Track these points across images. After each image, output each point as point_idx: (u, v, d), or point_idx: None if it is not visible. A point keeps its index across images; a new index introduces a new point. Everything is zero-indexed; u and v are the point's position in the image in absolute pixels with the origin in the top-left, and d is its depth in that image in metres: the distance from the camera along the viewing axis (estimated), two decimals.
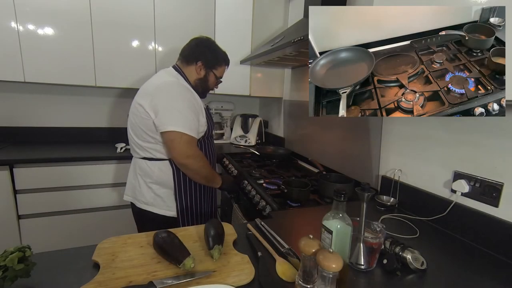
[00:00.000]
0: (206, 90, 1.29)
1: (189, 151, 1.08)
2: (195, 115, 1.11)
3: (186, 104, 1.10)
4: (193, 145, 1.10)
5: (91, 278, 0.60)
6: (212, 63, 1.24)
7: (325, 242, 0.64)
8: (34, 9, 1.72)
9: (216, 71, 1.27)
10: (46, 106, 2.12)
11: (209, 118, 1.24)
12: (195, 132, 1.10)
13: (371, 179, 1.28)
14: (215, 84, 1.31)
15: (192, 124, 1.09)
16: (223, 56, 1.29)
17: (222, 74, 1.32)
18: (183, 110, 1.08)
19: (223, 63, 1.29)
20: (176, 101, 1.08)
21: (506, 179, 0.81)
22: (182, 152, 1.07)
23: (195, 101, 1.14)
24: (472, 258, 0.79)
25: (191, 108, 1.11)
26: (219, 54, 1.26)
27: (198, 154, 1.12)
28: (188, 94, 1.13)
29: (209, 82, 1.27)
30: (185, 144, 1.07)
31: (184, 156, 1.07)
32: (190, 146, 1.08)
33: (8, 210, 1.65)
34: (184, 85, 1.16)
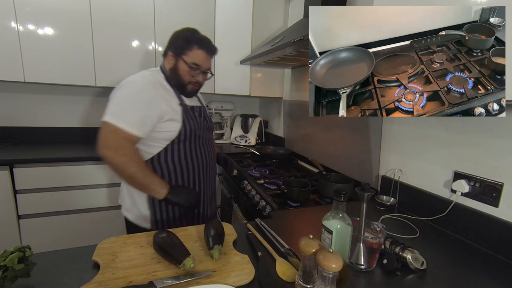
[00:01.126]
0: (181, 83, 1.08)
1: (109, 141, 0.93)
2: (144, 110, 0.96)
3: (133, 96, 0.97)
4: (118, 136, 0.93)
5: (91, 278, 0.60)
6: (181, 47, 1.06)
7: (325, 242, 0.64)
8: (34, 9, 1.72)
9: (187, 56, 1.05)
10: (46, 106, 2.12)
11: (191, 118, 1.07)
12: (131, 126, 0.94)
13: (371, 179, 1.28)
14: (191, 73, 1.07)
15: (131, 117, 0.94)
16: (196, 39, 1.06)
17: (198, 60, 1.07)
18: (124, 102, 0.96)
19: (193, 46, 1.05)
20: (123, 94, 0.97)
21: (506, 179, 0.81)
22: (101, 141, 0.93)
23: (156, 97, 1.00)
24: (472, 258, 0.79)
25: (141, 102, 0.96)
26: (190, 37, 1.06)
27: (121, 148, 0.94)
28: (146, 89, 0.99)
29: (180, 71, 1.06)
30: (108, 133, 0.93)
31: (102, 146, 0.93)
32: (112, 136, 0.93)
33: (8, 210, 1.65)
34: (150, 80, 1.02)
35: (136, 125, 0.95)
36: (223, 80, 2.16)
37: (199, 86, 1.13)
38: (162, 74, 1.09)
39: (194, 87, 1.12)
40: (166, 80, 1.08)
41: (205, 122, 1.16)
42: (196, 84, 1.11)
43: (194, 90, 1.13)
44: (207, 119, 1.20)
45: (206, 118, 1.18)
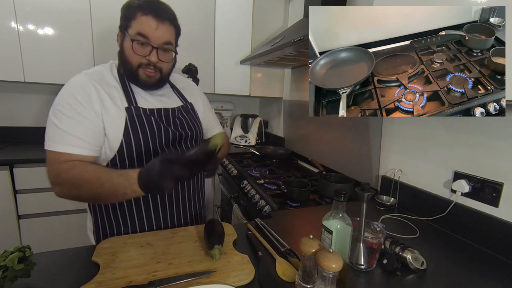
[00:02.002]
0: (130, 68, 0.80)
1: (51, 174, 0.72)
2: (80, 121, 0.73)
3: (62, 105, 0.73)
4: (56, 164, 0.71)
5: (91, 278, 0.60)
6: (125, 19, 0.78)
7: (325, 242, 0.64)
8: (34, 9, 1.72)
9: (131, 28, 0.77)
10: (46, 106, 2.12)
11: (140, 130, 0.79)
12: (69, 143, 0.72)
13: (371, 179, 1.28)
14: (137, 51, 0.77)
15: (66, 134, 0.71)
16: (137, 3, 0.77)
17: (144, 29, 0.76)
18: (54, 118, 0.73)
19: (136, 13, 0.76)
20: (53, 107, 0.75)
21: (506, 179, 0.81)
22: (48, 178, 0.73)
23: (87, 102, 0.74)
24: (472, 258, 0.79)
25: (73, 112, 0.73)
26: (130, 5, 0.77)
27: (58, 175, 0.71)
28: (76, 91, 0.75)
29: (126, 51, 0.79)
30: (47, 166, 0.73)
31: (51, 183, 0.73)
32: (50, 167, 0.72)
33: (8, 210, 1.65)
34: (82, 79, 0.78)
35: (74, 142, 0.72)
36: (223, 80, 2.17)
37: (158, 72, 0.81)
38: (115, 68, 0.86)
39: (149, 73, 0.80)
40: (119, 76, 0.83)
41: (175, 130, 0.86)
42: (150, 67, 0.79)
43: (152, 79, 0.81)
44: (182, 126, 0.89)
45: (179, 124, 0.88)
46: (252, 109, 2.77)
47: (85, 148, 0.74)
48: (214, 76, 2.18)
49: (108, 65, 0.86)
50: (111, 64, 0.87)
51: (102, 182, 0.69)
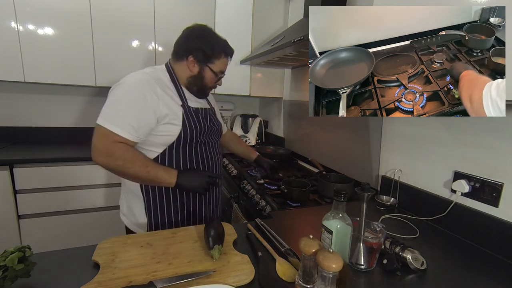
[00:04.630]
0: (204, 88, 1.06)
1: (101, 146, 0.87)
2: (137, 112, 0.89)
3: (127, 97, 0.90)
4: (109, 140, 0.87)
5: (91, 278, 0.60)
6: (207, 56, 1.00)
7: (325, 242, 0.64)
8: (34, 9, 1.72)
9: (213, 65, 1.02)
10: (46, 106, 2.12)
11: (194, 122, 1.00)
12: (122, 129, 0.87)
13: (371, 179, 1.28)
14: (215, 80, 1.06)
15: (121, 119, 0.87)
16: (222, 46, 1.03)
17: (224, 68, 1.07)
18: (116, 102, 0.90)
19: (221, 55, 1.03)
20: (115, 93, 0.91)
21: (506, 179, 0.81)
22: (94, 147, 0.88)
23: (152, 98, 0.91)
24: (472, 258, 0.79)
25: (133, 103, 0.89)
26: (215, 45, 1.01)
27: (113, 153, 0.88)
28: (141, 88, 0.91)
29: (206, 79, 1.03)
30: (99, 137, 0.87)
31: (94, 151, 0.88)
32: (103, 140, 0.87)
33: (8, 210, 1.65)
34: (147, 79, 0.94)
35: (128, 128, 0.88)
36: (223, 80, 2.16)
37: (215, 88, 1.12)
38: (167, 73, 1.02)
39: (211, 90, 1.11)
40: (171, 80, 1.01)
41: (211, 125, 1.08)
42: (214, 87, 1.10)
43: (209, 93, 1.13)
44: (214, 123, 1.12)
45: (213, 121, 1.11)
46: (252, 109, 2.77)
47: (135, 136, 0.90)
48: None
49: (160, 69, 1.03)
50: (160, 69, 1.03)
51: (149, 170, 0.91)
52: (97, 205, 1.86)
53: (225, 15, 2.06)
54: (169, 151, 0.98)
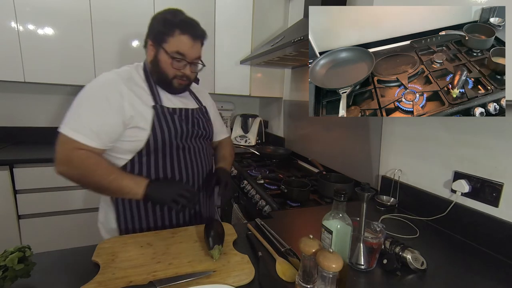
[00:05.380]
0: (164, 77, 0.89)
1: (59, 154, 0.80)
2: (100, 116, 0.80)
3: (88, 100, 0.82)
4: (66, 148, 0.79)
5: (91, 278, 0.60)
6: (161, 34, 0.86)
7: (325, 242, 0.64)
8: (34, 9, 1.72)
9: (168, 44, 0.85)
10: (46, 106, 2.12)
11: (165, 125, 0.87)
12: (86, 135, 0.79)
13: (371, 179, 1.28)
14: (174, 66, 0.87)
15: (84, 125, 0.79)
16: (178, 21, 0.86)
17: (182, 48, 0.86)
18: (77, 108, 0.82)
19: (175, 31, 0.85)
20: (78, 99, 0.83)
21: (506, 179, 0.81)
22: (55, 156, 0.80)
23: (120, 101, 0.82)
24: (472, 258, 0.79)
25: (97, 106, 0.81)
26: (170, 21, 0.86)
27: (72, 161, 0.79)
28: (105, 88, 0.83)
29: (161, 63, 0.87)
30: (59, 146, 0.80)
31: (55, 161, 0.80)
32: (63, 148, 0.80)
33: (8, 210, 1.65)
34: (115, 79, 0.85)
35: (89, 134, 0.79)
36: (223, 80, 2.16)
37: (188, 80, 0.92)
38: (142, 70, 0.92)
39: (182, 82, 0.91)
40: (145, 77, 0.91)
41: (193, 128, 0.94)
42: (183, 78, 0.90)
43: (182, 86, 0.93)
44: (201, 125, 0.98)
45: (198, 124, 0.97)
46: (252, 109, 2.77)
47: (99, 143, 0.81)
48: (214, 76, 2.18)
49: (133, 67, 0.93)
50: (136, 66, 0.93)
51: (112, 180, 0.80)
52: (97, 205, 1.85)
53: (225, 15, 2.06)
54: (139, 159, 0.86)
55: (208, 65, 2.22)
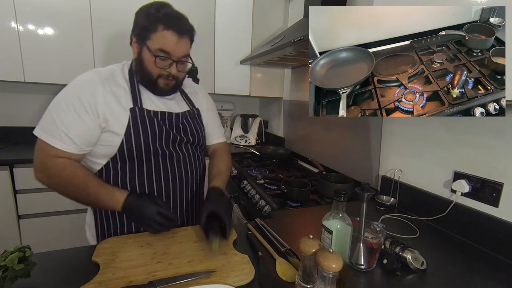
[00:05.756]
0: (149, 77, 0.82)
1: (37, 161, 0.77)
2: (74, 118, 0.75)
3: (63, 102, 0.77)
4: (44, 155, 0.76)
5: (91, 278, 0.60)
6: (144, 29, 0.79)
7: (325, 242, 0.64)
8: (34, 9, 1.72)
9: (151, 41, 0.78)
10: (46, 106, 2.11)
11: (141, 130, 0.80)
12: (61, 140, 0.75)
13: (371, 179, 1.28)
14: (158, 64, 0.79)
15: (59, 128, 0.75)
16: (162, 16, 0.78)
17: (166, 45, 0.78)
18: (53, 108, 0.78)
19: (158, 26, 0.77)
20: (54, 100, 0.79)
21: (506, 179, 0.81)
22: (34, 161, 0.78)
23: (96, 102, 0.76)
24: (472, 258, 0.79)
25: (71, 108, 0.75)
26: (150, 15, 0.79)
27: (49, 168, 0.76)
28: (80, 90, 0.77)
29: (145, 61, 0.80)
30: (36, 151, 0.77)
31: (34, 167, 0.78)
32: (39, 154, 0.77)
33: (8, 210, 1.65)
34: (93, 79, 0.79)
35: (64, 138, 0.74)
36: (223, 80, 2.17)
37: (175, 80, 0.84)
38: (128, 68, 0.87)
39: (168, 82, 0.83)
40: (129, 77, 0.84)
41: (178, 133, 0.87)
42: (169, 78, 0.83)
43: (169, 86, 0.85)
44: (185, 130, 0.90)
45: (182, 129, 0.90)
46: (252, 109, 2.77)
47: (75, 147, 0.77)
48: (214, 76, 2.18)
49: (120, 65, 0.87)
50: (123, 64, 0.88)
51: (89, 193, 0.77)
52: None
53: (225, 15, 2.06)
54: (113, 165, 0.81)
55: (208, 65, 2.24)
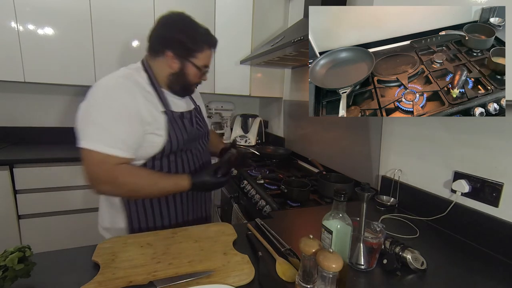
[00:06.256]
0: (189, 86, 0.94)
1: (102, 175, 0.77)
2: (125, 126, 0.79)
3: (109, 111, 0.78)
4: (109, 166, 0.77)
5: (91, 278, 0.60)
6: (189, 50, 0.88)
7: (325, 242, 0.64)
8: (34, 9, 1.72)
9: (196, 59, 0.89)
10: (46, 106, 2.12)
11: (178, 127, 0.89)
12: (118, 149, 0.78)
13: (371, 179, 1.28)
14: (199, 76, 0.94)
15: (113, 137, 0.77)
16: (204, 37, 0.90)
17: (208, 61, 0.93)
18: (100, 118, 0.77)
19: (204, 47, 0.90)
20: (94, 106, 0.79)
21: (506, 179, 0.81)
22: (93, 177, 0.77)
23: (134, 108, 0.80)
24: (472, 258, 0.79)
25: (118, 116, 0.78)
26: (197, 36, 0.88)
27: (117, 177, 0.78)
28: (121, 97, 0.80)
29: (190, 76, 0.91)
30: (95, 165, 0.76)
31: (97, 182, 0.78)
32: (101, 167, 0.77)
33: (8, 210, 1.65)
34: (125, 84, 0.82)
35: (121, 145, 0.78)
36: (223, 80, 2.17)
37: None
38: (145, 73, 0.89)
39: (195, 87, 0.99)
40: (150, 81, 0.88)
41: (197, 128, 0.98)
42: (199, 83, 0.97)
43: (194, 90, 1.00)
44: (200, 124, 1.01)
45: (198, 123, 1.00)
46: (252, 109, 2.77)
47: (131, 152, 0.81)
48: (214, 76, 2.18)
49: (133, 70, 0.89)
50: (136, 69, 0.91)
51: (159, 187, 0.84)
52: (97, 205, 1.85)
53: (225, 15, 2.06)
54: (151, 163, 0.88)
55: None
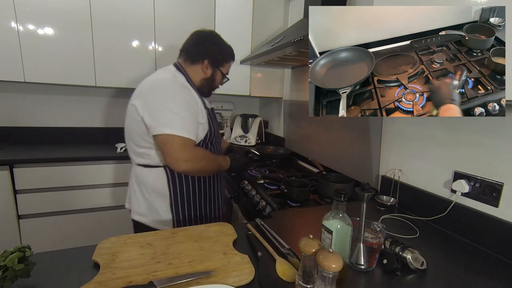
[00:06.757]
0: (212, 89, 1.21)
1: (185, 154, 0.98)
2: (192, 115, 1.02)
3: (182, 103, 1.01)
4: (189, 147, 0.99)
5: (91, 278, 0.60)
6: (220, 60, 1.16)
7: (325, 242, 0.64)
8: (34, 9, 1.72)
9: (223, 68, 1.18)
10: (46, 106, 2.12)
11: (212, 120, 1.14)
12: (192, 134, 1.00)
13: (371, 179, 1.28)
14: (221, 82, 1.23)
15: (188, 125, 1.00)
16: (229, 51, 1.19)
17: (228, 71, 1.23)
18: (177, 109, 0.98)
19: (229, 59, 1.20)
20: (170, 100, 1.00)
21: (506, 179, 0.81)
22: (176, 156, 0.97)
23: (193, 101, 1.05)
24: (472, 258, 0.79)
25: (188, 107, 1.01)
26: (225, 50, 1.17)
27: (197, 155, 1.01)
28: (185, 92, 1.04)
29: (216, 81, 1.19)
30: (179, 147, 0.96)
31: (180, 161, 0.97)
32: (185, 149, 0.98)
33: (8, 210, 1.65)
34: (182, 83, 1.06)
35: (193, 132, 1.01)
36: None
37: None
38: (182, 76, 1.10)
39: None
40: (188, 82, 1.10)
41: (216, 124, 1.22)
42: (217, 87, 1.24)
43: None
44: (216, 120, 1.24)
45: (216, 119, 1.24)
46: (252, 109, 2.77)
47: (196, 137, 1.04)
48: None
49: (174, 71, 1.10)
50: (175, 71, 1.11)
51: (217, 163, 1.11)
52: (97, 205, 1.86)
53: (225, 15, 2.06)
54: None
55: None
